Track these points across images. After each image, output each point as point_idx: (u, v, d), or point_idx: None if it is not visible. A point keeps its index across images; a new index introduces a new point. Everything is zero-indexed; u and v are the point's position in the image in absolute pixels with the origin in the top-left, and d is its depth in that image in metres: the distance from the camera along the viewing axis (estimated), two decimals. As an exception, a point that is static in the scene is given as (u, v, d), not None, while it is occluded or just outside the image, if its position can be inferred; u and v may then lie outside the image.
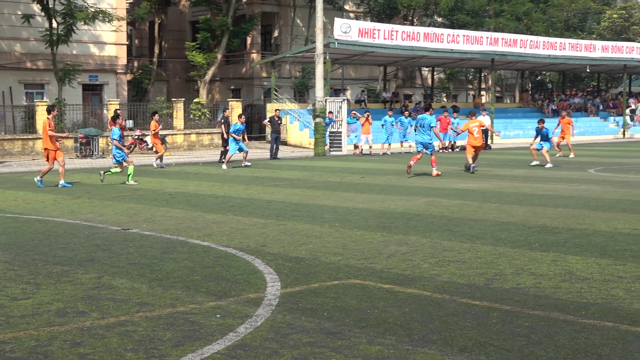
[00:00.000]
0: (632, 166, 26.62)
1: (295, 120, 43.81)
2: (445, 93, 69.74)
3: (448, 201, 16.55)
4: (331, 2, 55.23)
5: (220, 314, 7.36)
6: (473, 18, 59.35)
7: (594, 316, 7.17)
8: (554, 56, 52.00)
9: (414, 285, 8.50)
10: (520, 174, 23.58)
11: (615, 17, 73.43)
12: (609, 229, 12.23)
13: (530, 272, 9.13)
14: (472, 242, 11.18)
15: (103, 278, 9.05)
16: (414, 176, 23.21)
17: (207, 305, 7.73)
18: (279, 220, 13.86)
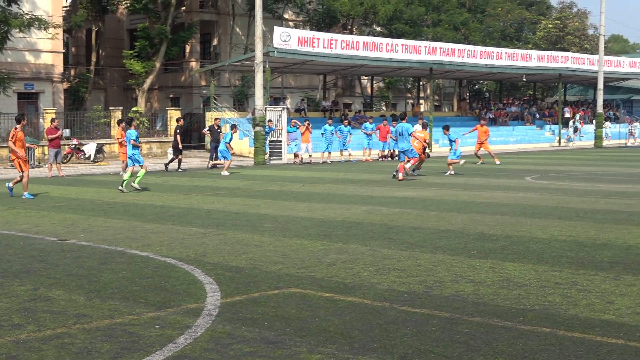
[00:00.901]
0: (567, 174, 27.07)
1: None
2: (384, 102, 70.19)
3: (388, 209, 16.63)
4: (271, 11, 55.21)
5: (159, 325, 7.28)
6: (411, 27, 59.87)
7: (532, 322, 7.26)
8: (491, 65, 52.69)
9: (354, 294, 8.51)
10: (459, 182, 23.81)
11: (551, 27, 74.80)
12: (546, 236, 12.40)
13: (469, 279, 9.21)
14: (412, 250, 11.25)
15: (39, 290, 8.89)
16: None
17: (146, 316, 7.64)
18: (218, 229, 13.78)
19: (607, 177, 25.19)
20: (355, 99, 67.23)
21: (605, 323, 7.19)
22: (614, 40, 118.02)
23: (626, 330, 6.95)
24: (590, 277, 9.19)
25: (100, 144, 38.71)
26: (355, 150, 39.85)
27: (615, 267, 9.76)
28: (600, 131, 54.83)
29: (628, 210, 15.77)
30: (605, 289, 8.59)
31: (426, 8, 61.47)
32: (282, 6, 57.86)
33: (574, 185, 22.41)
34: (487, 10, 68.38)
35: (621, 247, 11.28)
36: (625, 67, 63.57)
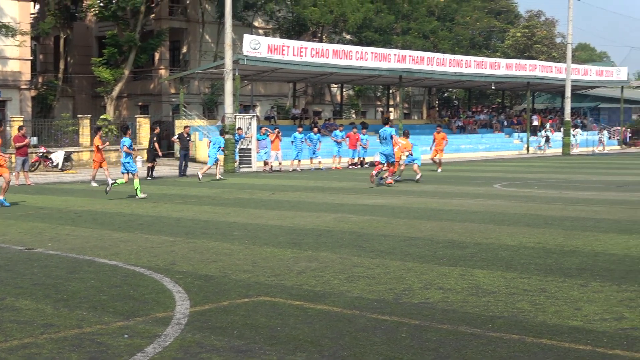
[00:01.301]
0: (535, 181, 27.26)
1: (205, 137, 43.54)
2: (354, 109, 70.36)
3: (357, 217, 16.65)
4: (240, 19, 55.19)
5: (128, 334, 7.23)
6: (381, 36, 60.09)
7: (501, 329, 7.29)
8: (460, 73, 53.02)
9: (324, 302, 8.51)
10: (429, 190, 23.90)
11: (519, 35, 75.41)
12: (515, 243, 12.47)
13: (439, 286, 9.23)
14: (382, 258, 11.26)
15: (6, 300, 8.79)
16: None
17: (114, 325, 7.58)
18: (188, 238, 13.72)
19: (575, 185, 25.40)
20: (325, 107, 67.33)
21: (573, 329, 7.23)
22: (581, 49, 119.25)
23: (594, 336, 7.00)
24: (559, 284, 9.25)
25: (68, 152, 38.43)
26: (325, 157, 39.90)
27: (583, 274, 9.84)
28: (568, 139, 55.34)
29: (595, 217, 15.91)
30: (573, 295, 8.65)
31: (395, 16, 61.73)
32: (252, 14, 57.86)
33: (542, 192, 22.57)
34: (456, 18, 68.81)
35: (589, 254, 11.37)
36: (593, 75, 64.23)
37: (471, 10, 70.81)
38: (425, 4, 64.92)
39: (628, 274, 9.82)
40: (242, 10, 55.23)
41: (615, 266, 10.35)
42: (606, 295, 8.61)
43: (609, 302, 8.28)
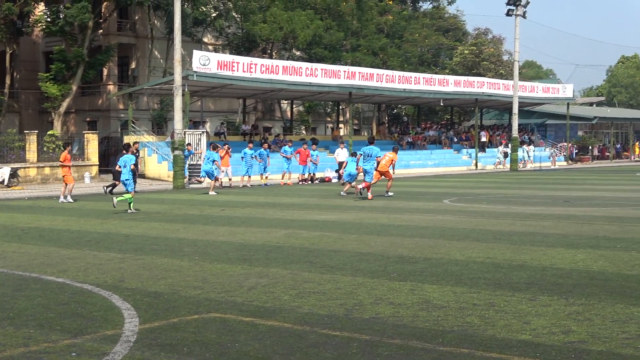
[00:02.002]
0: (484, 196, 27.52)
1: (154, 153, 43.25)
2: (304, 126, 70.43)
3: (308, 232, 16.64)
4: (190, 35, 54.97)
5: (75, 353, 7.12)
6: (331, 52, 60.31)
7: (451, 343, 7.32)
8: (409, 90, 53.37)
9: (274, 318, 8.47)
10: (379, 205, 23.99)
11: (467, 52, 76.20)
12: (464, 258, 12.56)
13: (389, 301, 9.26)
14: (332, 273, 11.26)
15: (-51, 318, 8.61)
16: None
17: (62, 343, 7.47)
18: (137, 254, 13.59)
19: (523, 200, 25.69)
20: (275, 123, 67.32)
21: (522, 343, 7.29)
22: (528, 66, 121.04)
23: (542, 350, 7.07)
24: (507, 298, 9.33)
25: (14, 168, 37.84)
26: (276, 173, 39.87)
27: (532, 288, 9.93)
28: (516, 155, 56.02)
29: (543, 232, 16.09)
30: (521, 309, 8.73)
31: (345, 33, 62.02)
32: (202, 30, 57.70)
33: (491, 207, 22.78)
34: (405, 35, 69.33)
35: (537, 268, 11.49)
36: (539, 92, 65.11)
37: (420, 28, 71.41)
38: (374, 21, 65.32)
39: (575, 287, 9.94)
40: (192, 26, 55.06)
41: (563, 280, 10.47)
42: (554, 309, 8.70)
43: (557, 316, 8.37)
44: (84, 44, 49.10)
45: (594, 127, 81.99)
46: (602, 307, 8.76)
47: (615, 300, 9.12)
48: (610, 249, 13.38)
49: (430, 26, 73.93)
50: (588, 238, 15.01)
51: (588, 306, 8.84)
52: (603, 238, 14.98)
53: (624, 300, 9.15)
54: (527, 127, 72.77)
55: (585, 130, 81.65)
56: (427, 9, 78.92)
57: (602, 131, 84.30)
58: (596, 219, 18.71)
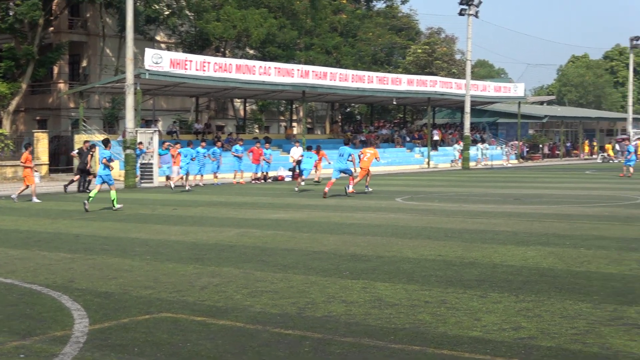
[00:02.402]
0: (436, 195, 27.69)
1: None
2: (257, 124, 70.30)
3: (261, 231, 16.61)
4: (142, 33, 54.57)
5: (24, 354, 7.02)
6: (284, 51, 60.27)
7: (403, 341, 7.35)
8: (362, 89, 53.55)
9: (227, 317, 8.44)
10: (331, 204, 24.02)
11: (420, 52, 76.67)
12: (416, 256, 12.62)
13: (341, 299, 9.27)
14: (285, 272, 11.25)
15: None
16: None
17: (9, 345, 7.36)
18: (87, 254, 13.45)
19: (474, 198, 25.90)
20: (228, 122, 67.10)
21: (473, 340, 7.35)
22: (480, 65, 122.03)
23: (493, 346, 7.13)
24: (459, 295, 9.39)
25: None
26: (228, 172, 39.73)
27: (482, 285, 10.02)
28: (467, 153, 56.49)
29: (494, 230, 16.24)
30: (472, 306, 8.79)
31: (299, 32, 62.01)
32: (154, 28, 57.30)
33: (443, 205, 22.93)
34: (359, 34, 69.54)
35: (487, 265, 11.59)
36: (491, 91, 65.73)
37: (373, 27, 71.68)
38: (328, 20, 65.42)
39: (525, 284, 10.05)
40: (144, 24, 54.67)
41: (513, 277, 10.57)
42: (504, 306, 8.78)
43: (507, 313, 8.44)
44: (34, 42, 48.48)
45: (544, 125, 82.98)
46: (552, 304, 8.86)
47: (564, 297, 9.23)
48: (559, 246, 13.54)
49: (384, 25, 74.27)
50: (538, 235, 15.17)
51: (538, 302, 8.93)
52: (553, 235, 15.16)
53: (572, 296, 9.26)
54: (479, 126, 73.42)
55: (536, 128, 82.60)
56: (381, 8, 79.25)
57: (553, 130, 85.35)
58: (546, 217, 18.92)
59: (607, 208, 21.23)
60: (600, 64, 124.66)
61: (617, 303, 8.82)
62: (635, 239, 14.46)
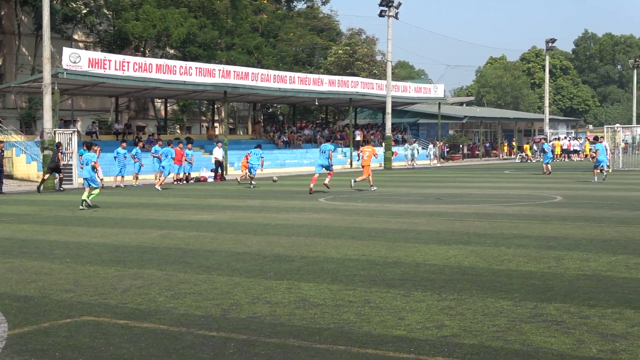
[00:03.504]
0: (359, 195, 27.83)
1: (22, 153, 41.97)
2: (179, 124, 69.75)
3: (183, 233, 16.47)
4: (59, 31, 53.61)
5: (-61, 361, 6.83)
6: (205, 51, 59.93)
7: (327, 340, 7.36)
8: (284, 89, 53.58)
9: (150, 320, 8.34)
10: (255, 205, 23.96)
11: (341, 52, 77.08)
12: (340, 256, 12.66)
13: (266, 300, 9.24)
14: (208, 274, 11.17)
15: None
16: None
17: None
18: (5, 258, 13.14)
19: (397, 198, 26.12)
20: (149, 122, 66.42)
21: (397, 339, 7.40)
22: (401, 67, 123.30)
23: (416, 344, 7.19)
24: (382, 295, 9.45)
25: None
26: (150, 173, 39.33)
27: (406, 284, 10.10)
28: (390, 153, 56.98)
29: (416, 229, 16.40)
30: (396, 305, 8.86)
31: (219, 32, 61.74)
32: (72, 27, 56.37)
33: (366, 205, 23.07)
34: (280, 35, 69.56)
35: (410, 264, 11.69)
36: (412, 92, 66.46)
37: (294, 27, 71.80)
38: (249, 20, 65.29)
39: (447, 283, 10.16)
40: (61, 23, 53.72)
41: (436, 276, 10.69)
42: (427, 305, 8.87)
43: (430, 311, 8.53)
44: (-54, 40, 47.22)
45: (464, 126, 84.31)
46: (474, 302, 8.98)
47: (485, 295, 9.37)
48: (480, 245, 13.74)
49: (305, 26, 74.46)
50: (459, 234, 15.37)
51: (460, 301, 9.05)
52: (474, 234, 15.37)
53: (493, 294, 9.40)
54: (400, 126, 74.14)
55: (456, 129, 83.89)
56: (302, 9, 79.41)
57: (472, 130, 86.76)
58: (467, 216, 19.19)
59: (526, 207, 21.63)
60: (518, 65, 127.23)
61: (537, 300, 8.99)
62: (553, 237, 14.77)
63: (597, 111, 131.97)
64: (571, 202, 22.89)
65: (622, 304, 8.71)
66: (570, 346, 7.04)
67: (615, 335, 7.39)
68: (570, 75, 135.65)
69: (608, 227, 16.20)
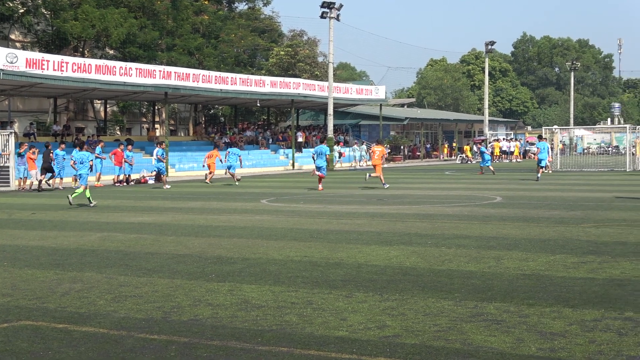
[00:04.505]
0: (301, 196, 27.85)
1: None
2: (119, 126, 69.02)
3: (124, 235, 16.30)
4: (-4, 31, 52.69)
5: None
6: (146, 51, 59.38)
7: (270, 342, 7.35)
8: (225, 90, 53.35)
9: (89, 324, 8.23)
10: (196, 206, 23.82)
11: (283, 54, 76.97)
12: (282, 257, 12.65)
13: (208, 302, 9.19)
14: (149, 276, 11.07)
15: None
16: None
17: None
18: (-60, 261, 12.86)
19: (339, 199, 26.19)
20: (88, 123, 65.56)
21: (339, 339, 7.41)
22: (342, 68, 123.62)
23: (359, 345, 7.21)
24: (325, 296, 9.47)
25: None
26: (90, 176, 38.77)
27: (348, 285, 10.13)
28: (332, 155, 57.10)
29: (358, 230, 16.46)
30: (338, 306, 8.88)
31: (160, 32, 61.24)
32: (8, 26, 55.39)
33: (308, 207, 23.08)
34: (221, 36, 69.25)
35: (352, 265, 11.73)
36: (353, 93, 66.70)
37: (236, 28, 71.53)
38: (190, 21, 64.88)
39: (389, 283, 10.22)
40: (-2, 22, 52.78)
41: (378, 276, 10.74)
42: (369, 305, 8.90)
43: (372, 312, 8.56)
44: None
45: (405, 127, 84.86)
46: (415, 302, 9.05)
47: (427, 295, 9.44)
48: (421, 245, 13.84)
49: (246, 27, 74.23)
50: (401, 235, 15.47)
51: (402, 301, 9.10)
52: (415, 235, 15.49)
53: (435, 294, 9.48)
54: (342, 128, 74.36)
55: (397, 130, 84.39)
56: (243, 10, 79.16)
57: (413, 131, 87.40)
58: (408, 217, 19.32)
59: (466, 207, 21.86)
60: (458, 67, 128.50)
61: (477, 300, 9.09)
62: (493, 237, 14.95)
63: (535, 113, 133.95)
64: (510, 203, 23.19)
65: (560, 302, 8.85)
66: (510, 345, 7.13)
67: (553, 333, 7.51)
68: (509, 77, 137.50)
69: (546, 227, 16.45)
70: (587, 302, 8.87)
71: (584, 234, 15.19)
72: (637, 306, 8.60)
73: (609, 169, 50.36)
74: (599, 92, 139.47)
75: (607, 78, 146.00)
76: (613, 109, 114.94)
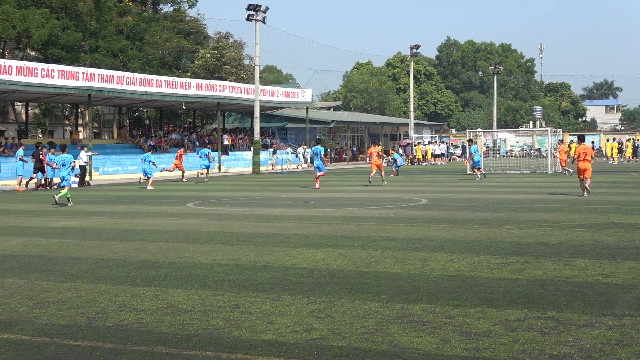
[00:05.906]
0: (228, 199, 27.74)
1: None
2: (41, 129, 67.80)
3: (46, 240, 16.00)
4: None
5: None
6: (68, 53, 58.48)
7: (196, 347, 7.28)
8: (150, 93, 52.86)
9: (10, 330, 8.05)
10: (121, 210, 23.53)
11: (209, 56, 76.55)
12: (208, 261, 12.57)
13: (133, 307, 9.07)
14: (73, 281, 10.88)
15: None
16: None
17: None
18: None
19: (265, 202, 26.15)
20: (9, 126, 64.30)
21: (266, 343, 7.39)
22: (269, 71, 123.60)
23: (286, 348, 7.20)
24: (252, 299, 9.43)
25: None
26: (10, 179, 38.08)
27: (275, 288, 10.10)
28: (258, 157, 56.98)
29: (285, 233, 16.45)
30: (266, 309, 8.85)
31: (83, 34, 60.38)
32: None
33: (235, 210, 23.00)
34: (146, 38, 68.56)
35: (280, 268, 11.71)
36: (280, 96, 66.73)
37: (160, 30, 70.87)
38: (113, 22, 64.10)
39: (316, 286, 10.22)
40: None
41: (305, 279, 10.74)
42: (297, 308, 8.89)
43: (300, 314, 8.56)
44: None
45: (332, 130, 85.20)
46: (342, 304, 9.07)
47: (354, 297, 9.47)
48: (348, 248, 13.90)
49: (171, 29, 73.58)
50: (328, 237, 15.51)
51: (329, 304, 9.11)
52: (342, 237, 15.54)
53: (362, 296, 9.52)
54: (268, 131, 74.29)
55: (324, 133, 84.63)
56: (168, 12, 78.48)
57: (340, 134, 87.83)
58: (335, 219, 19.39)
59: (392, 210, 22.04)
60: (383, 70, 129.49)
61: (403, 301, 9.15)
62: (419, 239, 15.09)
63: (459, 116, 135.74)
64: (436, 205, 23.45)
65: (484, 303, 8.97)
66: (435, 345, 7.20)
67: (478, 333, 7.60)
68: (434, 80, 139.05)
69: (471, 229, 16.68)
70: (511, 302, 9.01)
71: (508, 235, 15.45)
72: (559, 306, 8.77)
73: (531, 171, 51.30)
74: (521, 96, 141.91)
75: (529, 82, 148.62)
76: (535, 112, 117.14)
